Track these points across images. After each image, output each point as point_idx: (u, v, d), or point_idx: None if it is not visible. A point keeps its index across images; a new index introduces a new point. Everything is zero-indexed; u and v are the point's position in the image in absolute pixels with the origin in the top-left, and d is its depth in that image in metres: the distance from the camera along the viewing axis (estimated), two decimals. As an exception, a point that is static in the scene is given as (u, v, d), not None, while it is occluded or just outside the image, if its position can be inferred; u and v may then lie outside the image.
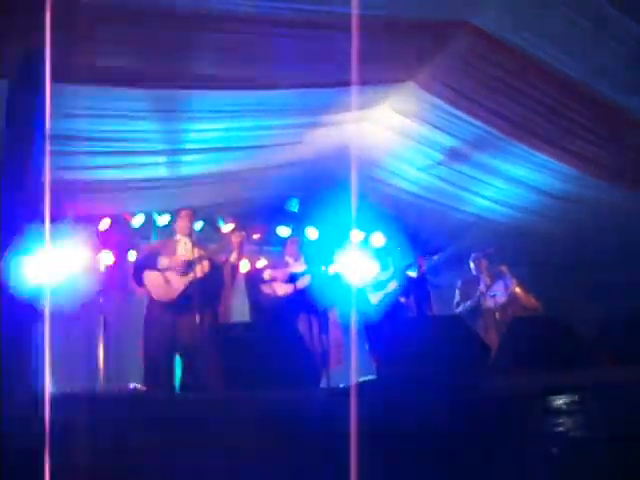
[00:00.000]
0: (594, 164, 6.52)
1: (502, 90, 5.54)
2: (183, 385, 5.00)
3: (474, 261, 7.03)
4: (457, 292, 6.95)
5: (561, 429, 3.08)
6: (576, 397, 3.21)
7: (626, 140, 6.04)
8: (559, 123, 5.92)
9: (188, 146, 6.15)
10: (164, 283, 5.20)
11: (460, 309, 6.83)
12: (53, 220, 6.62)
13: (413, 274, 6.50)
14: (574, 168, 6.63)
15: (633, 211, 7.21)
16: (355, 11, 4.42)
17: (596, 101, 5.49)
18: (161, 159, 6.29)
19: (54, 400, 2.42)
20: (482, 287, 6.81)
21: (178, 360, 5.20)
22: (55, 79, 4.04)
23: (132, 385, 5.83)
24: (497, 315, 6.66)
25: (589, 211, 7.52)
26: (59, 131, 5.05)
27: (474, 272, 6.99)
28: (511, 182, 7.21)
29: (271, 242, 7.84)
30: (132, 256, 7.00)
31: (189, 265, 5.19)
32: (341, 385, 5.06)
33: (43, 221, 2.80)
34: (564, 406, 3.16)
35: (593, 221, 7.67)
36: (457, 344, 4.46)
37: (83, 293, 6.93)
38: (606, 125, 5.85)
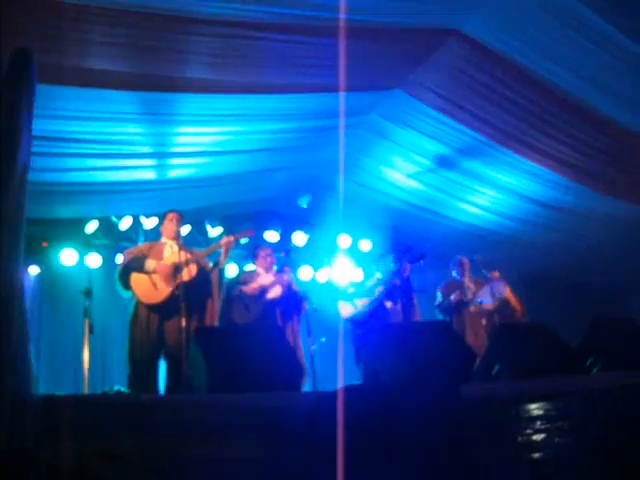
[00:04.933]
0: (582, 173, 6.57)
1: (490, 97, 5.58)
2: (168, 388, 4.98)
3: (457, 264, 7.03)
4: (439, 294, 6.93)
5: (545, 435, 3.09)
6: (561, 403, 3.23)
7: (615, 151, 6.09)
8: (547, 131, 5.97)
9: (177, 149, 6.15)
10: (151, 286, 5.19)
11: (443, 312, 6.82)
12: (40, 221, 6.64)
13: (399, 280, 6.50)
14: (562, 176, 6.68)
15: (622, 220, 7.28)
16: (344, 17, 4.44)
17: (584, 110, 5.54)
18: (150, 162, 6.28)
19: (40, 403, 2.41)
20: (467, 291, 6.81)
21: (163, 363, 5.18)
22: (45, 80, 4.03)
23: (116, 388, 5.79)
24: (484, 321, 6.67)
25: (578, 219, 7.58)
26: (48, 133, 5.04)
27: (457, 275, 7.00)
28: (499, 189, 7.25)
29: (260, 246, 7.82)
30: (119, 258, 6.99)
31: (176, 268, 5.16)
32: (329, 389, 5.04)
33: (25, 222, 2.78)
34: (548, 412, 3.18)
35: (582, 229, 7.74)
36: (443, 350, 4.46)
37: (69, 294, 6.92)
38: (594, 135, 5.90)
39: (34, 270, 7.23)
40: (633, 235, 7.56)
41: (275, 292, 5.94)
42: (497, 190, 7.27)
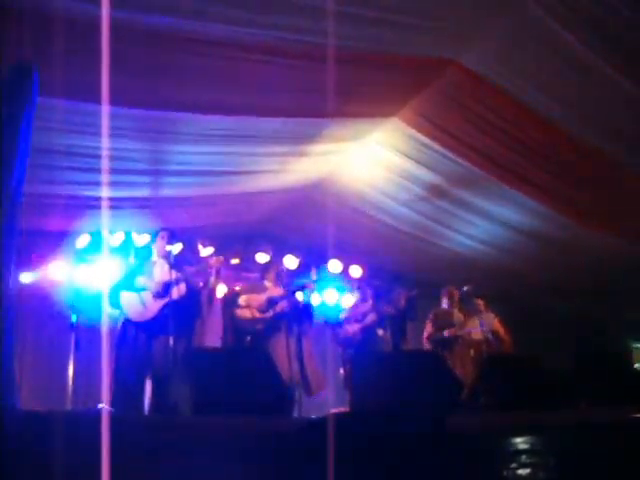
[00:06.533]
0: (573, 206, 6.61)
1: (485, 129, 5.61)
2: (153, 407, 4.93)
3: (446, 295, 7.05)
4: (428, 325, 6.93)
5: (530, 470, 3.08)
6: (547, 437, 3.22)
7: (606, 186, 6.14)
8: (539, 164, 6.01)
9: (172, 168, 6.14)
10: (140, 304, 5.16)
11: (432, 343, 6.81)
12: (30, 233, 6.60)
13: (391, 307, 6.49)
14: (553, 210, 6.72)
15: (607, 254, 7.32)
16: (344, 44, 4.48)
17: (576, 144, 5.58)
18: (144, 179, 6.27)
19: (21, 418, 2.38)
20: (456, 322, 6.81)
21: (149, 382, 5.13)
22: (44, 93, 4.03)
23: (100, 405, 5.73)
24: (472, 352, 6.66)
25: (565, 252, 7.61)
26: (43, 145, 5.03)
27: (446, 306, 7.00)
28: (491, 220, 7.27)
29: (249, 268, 7.81)
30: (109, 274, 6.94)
31: (166, 287, 5.14)
32: (315, 416, 5.01)
33: (19, 234, 2.77)
34: (534, 446, 3.16)
35: (568, 261, 7.76)
36: (431, 380, 4.45)
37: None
38: (588, 170, 5.94)
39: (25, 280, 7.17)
40: (620, 267, 7.60)
41: (282, 305, 5.98)
42: (490, 221, 7.29)
